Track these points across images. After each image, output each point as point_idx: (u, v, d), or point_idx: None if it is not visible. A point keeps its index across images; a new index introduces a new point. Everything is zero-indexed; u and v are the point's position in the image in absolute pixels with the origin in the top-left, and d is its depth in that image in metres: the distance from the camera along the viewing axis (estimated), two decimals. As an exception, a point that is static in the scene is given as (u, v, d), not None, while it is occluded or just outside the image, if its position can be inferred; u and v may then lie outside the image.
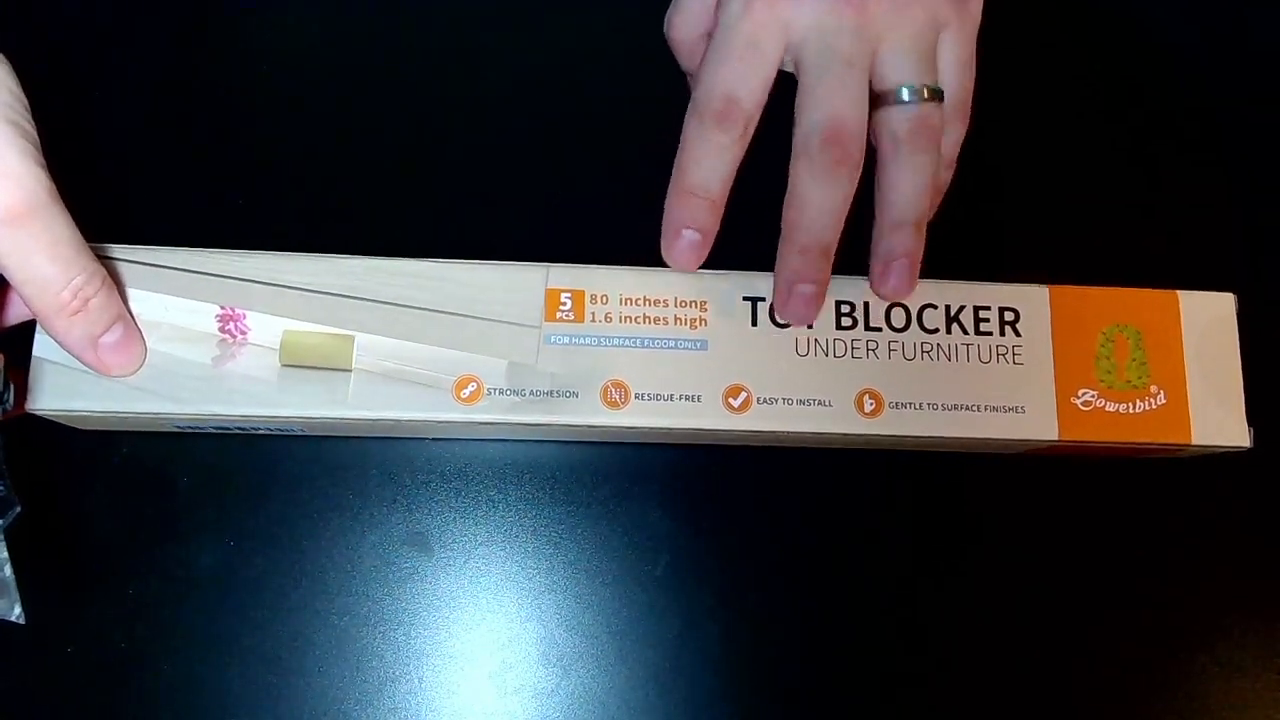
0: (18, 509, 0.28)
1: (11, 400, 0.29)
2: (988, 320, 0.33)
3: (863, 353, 0.33)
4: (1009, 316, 0.34)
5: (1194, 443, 0.33)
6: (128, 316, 0.30)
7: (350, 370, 0.31)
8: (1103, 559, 0.36)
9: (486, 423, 0.31)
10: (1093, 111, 0.41)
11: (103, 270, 0.29)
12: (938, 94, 0.33)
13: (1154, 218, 0.40)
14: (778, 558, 0.36)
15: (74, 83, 0.39)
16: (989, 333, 0.33)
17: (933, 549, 0.36)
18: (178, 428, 0.33)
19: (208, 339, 0.31)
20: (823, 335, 0.33)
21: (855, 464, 0.36)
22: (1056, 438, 0.33)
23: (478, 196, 0.38)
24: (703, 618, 0.35)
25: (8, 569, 0.27)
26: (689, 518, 0.36)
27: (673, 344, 0.32)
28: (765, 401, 0.32)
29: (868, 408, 0.32)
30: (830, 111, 0.31)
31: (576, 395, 0.32)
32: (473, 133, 0.39)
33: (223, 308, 0.31)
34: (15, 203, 0.26)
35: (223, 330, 0.31)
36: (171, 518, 0.35)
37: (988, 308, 0.34)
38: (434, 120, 0.39)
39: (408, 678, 0.34)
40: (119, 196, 0.37)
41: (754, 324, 0.33)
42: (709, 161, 0.32)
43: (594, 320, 0.32)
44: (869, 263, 0.33)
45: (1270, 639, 0.36)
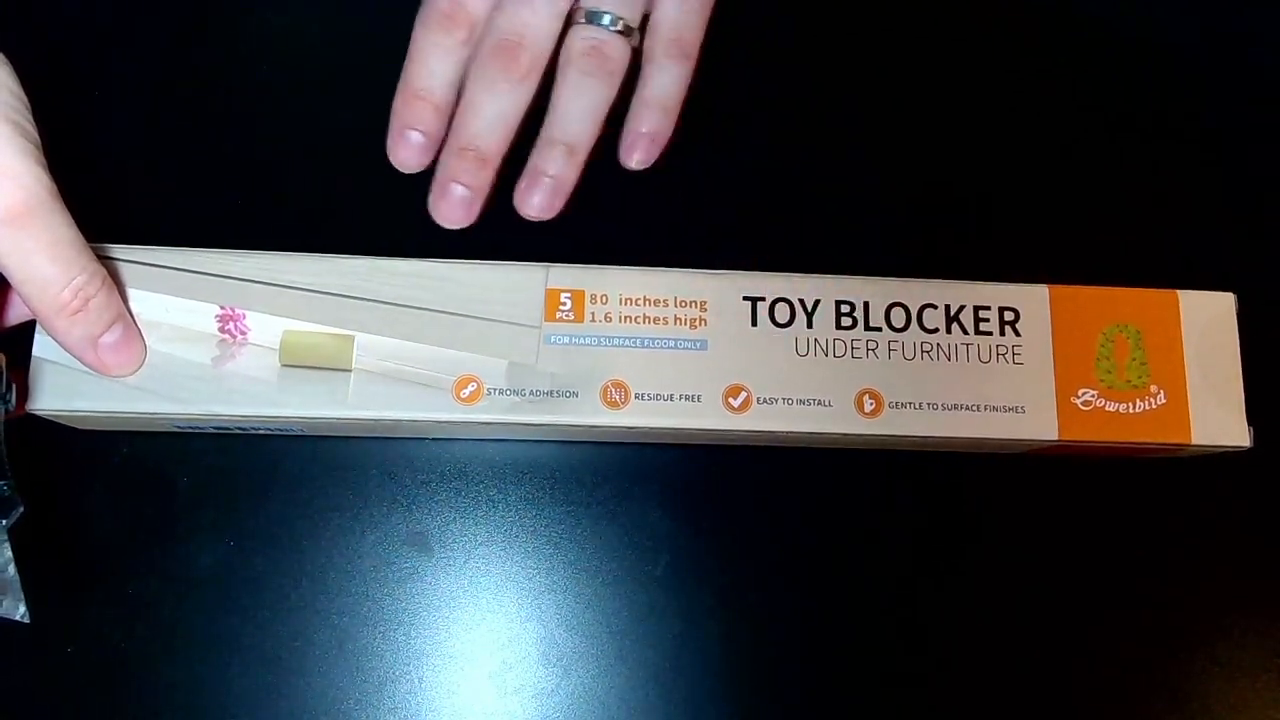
0: (21, 509, 0.28)
1: (13, 400, 0.29)
2: (988, 320, 0.33)
3: (863, 352, 0.33)
4: (1009, 316, 0.34)
5: (1194, 442, 0.33)
6: (128, 316, 0.30)
7: (350, 370, 0.31)
8: (1103, 559, 0.36)
9: (486, 423, 0.31)
10: (1092, 111, 0.41)
11: (103, 270, 0.29)
12: (629, 32, 0.33)
13: (1154, 218, 0.40)
14: (778, 558, 0.36)
15: (74, 83, 0.39)
16: (989, 333, 0.33)
17: (933, 549, 0.36)
18: (178, 428, 0.33)
19: (207, 339, 0.31)
20: (823, 335, 0.33)
21: (855, 464, 0.36)
22: (1056, 438, 0.33)
23: (478, 196, 0.38)
24: (703, 618, 0.35)
25: (11, 568, 0.27)
26: (689, 518, 0.36)
27: (673, 344, 0.32)
28: (765, 401, 0.32)
29: (868, 408, 0.32)
30: (509, 20, 0.32)
31: (576, 395, 0.32)
32: (473, 133, 0.39)
33: (222, 308, 0.31)
34: (15, 203, 0.26)
35: (222, 330, 0.31)
36: (171, 518, 0.35)
37: (988, 308, 0.34)
38: (434, 120, 0.39)
39: (408, 678, 0.34)
40: (119, 196, 0.37)
41: (754, 324, 0.33)
42: (434, 64, 0.33)
43: (594, 320, 0.32)
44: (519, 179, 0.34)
45: (1270, 639, 0.36)
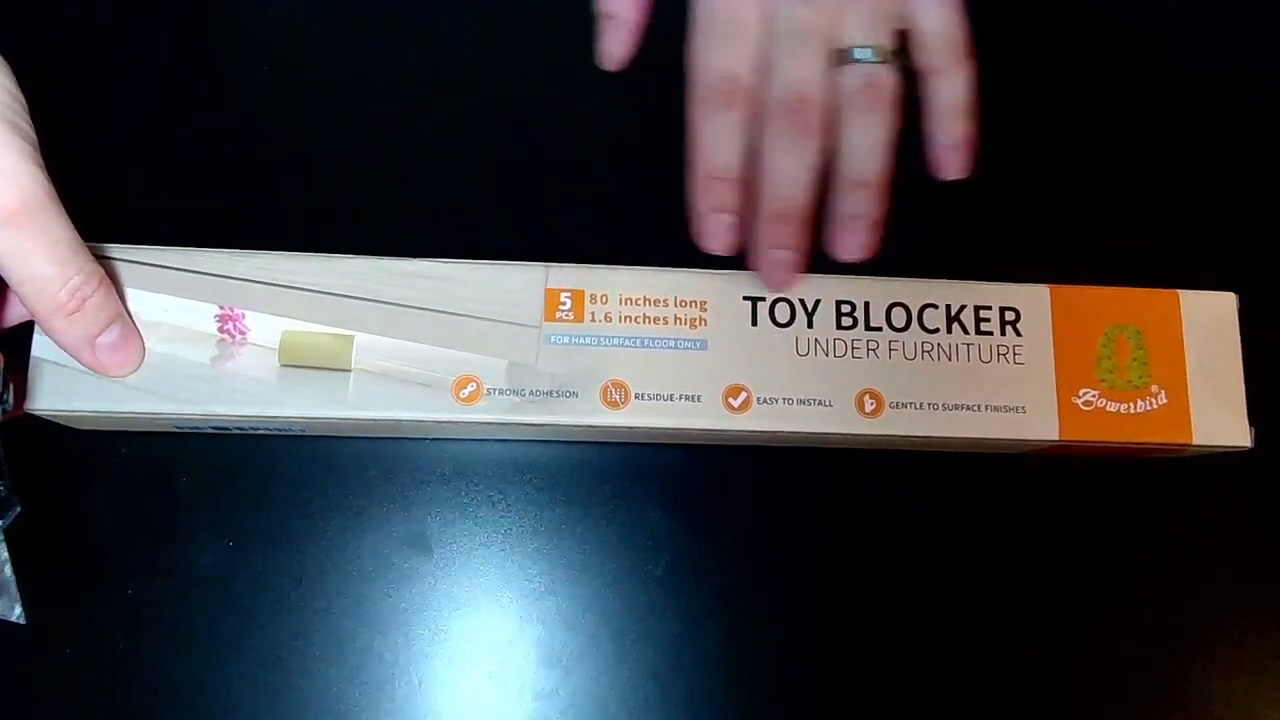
0: (18, 509, 0.28)
1: (11, 401, 0.29)
2: (988, 320, 0.33)
3: (863, 353, 0.33)
4: (1010, 316, 0.33)
5: (1195, 442, 0.33)
6: (126, 316, 0.30)
7: (350, 370, 0.31)
8: (1103, 559, 0.36)
9: (486, 423, 0.31)
10: (1093, 111, 0.41)
11: (100, 270, 0.29)
12: (896, 55, 0.33)
13: (1154, 218, 0.39)
14: (778, 558, 0.36)
15: (74, 83, 0.38)
16: (990, 333, 0.33)
17: (933, 549, 0.36)
18: (177, 428, 0.33)
19: (207, 339, 0.31)
20: (823, 335, 0.33)
21: (855, 464, 0.36)
22: (1057, 438, 0.32)
23: (478, 196, 0.38)
24: (703, 618, 0.35)
25: (8, 569, 0.27)
26: (689, 518, 0.36)
27: (673, 344, 0.32)
28: (765, 401, 0.32)
29: (868, 408, 0.32)
30: (788, 80, 0.32)
31: (576, 395, 0.32)
32: (473, 132, 0.39)
33: (222, 307, 0.31)
34: (12, 203, 0.26)
35: (222, 330, 0.31)
36: (171, 518, 0.35)
37: (988, 308, 0.34)
38: (434, 120, 0.39)
39: (408, 678, 0.34)
40: (119, 196, 0.37)
41: (754, 324, 0.33)
42: (725, 144, 0.33)
43: (594, 320, 0.32)
44: (827, 225, 0.33)
45: (1270, 639, 0.36)
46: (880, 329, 0.33)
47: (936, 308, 0.33)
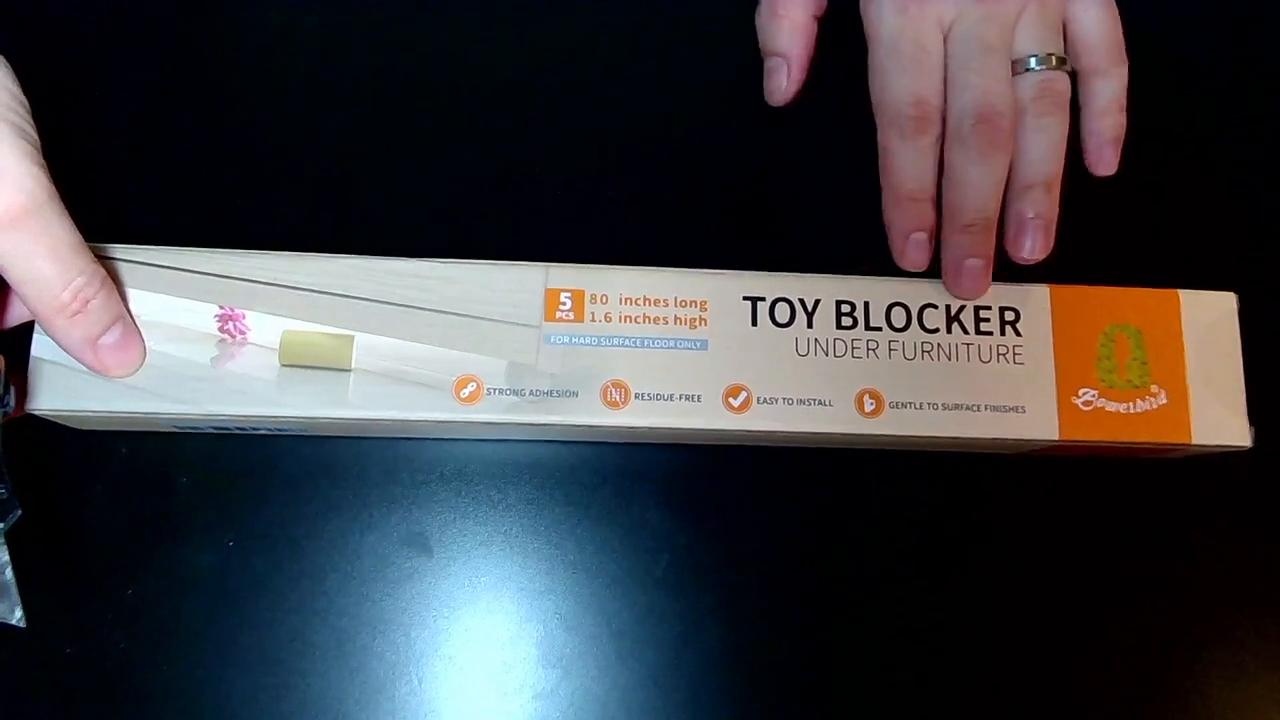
0: (18, 512, 0.28)
1: (12, 403, 0.29)
2: (988, 320, 0.33)
3: (863, 352, 0.33)
4: (1009, 316, 0.34)
5: (1194, 442, 0.33)
6: (127, 317, 0.30)
7: (350, 370, 0.31)
8: (1103, 559, 0.36)
9: (486, 423, 0.31)
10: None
11: (102, 271, 0.29)
12: (1062, 61, 0.34)
13: (1154, 217, 0.39)
14: (778, 558, 0.36)
15: (74, 83, 0.39)
16: (989, 332, 0.33)
17: (933, 549, 0.36)
18: (177, 428, 0.33)
19: (207, 339, 0.31)
20: (823, 335, 0.33)
21: (855, 464, 0.36)
22: (1057, 437, 0.32)
23: (478, 196, 0.38)
24: (703, 618, 0.35)
25: (8, 572, 0.27)
26: (689, 518, 0.36)
27: (673, 344, 0.32)
28: (765, 401, 0.32)
29: (868, 408, 0.32)
30: (978, 95, 0.33)
31: (576, 395, 0.32)
32: (473, 132, 0.39)
33: (222, 307, 0.31)
34: (14, 204, 0.26)
35: (222, 330, 0.31)
36: (171, 518, 0.35)
37: (988, 307, 0.34)
38: (434, 120, 0.39)
39: (408, 678, 0.34)
40: (119, 196, 0.37)
41: (754, 324, 0.33)
42: (919, 165, 0.34)
43: (594, 320, 0.32)
44: (1004, 229, 0.34)
45: (1270, 639, 0.36)
46: (880, 329, 0.33)
47: (936, 308, 0.33)
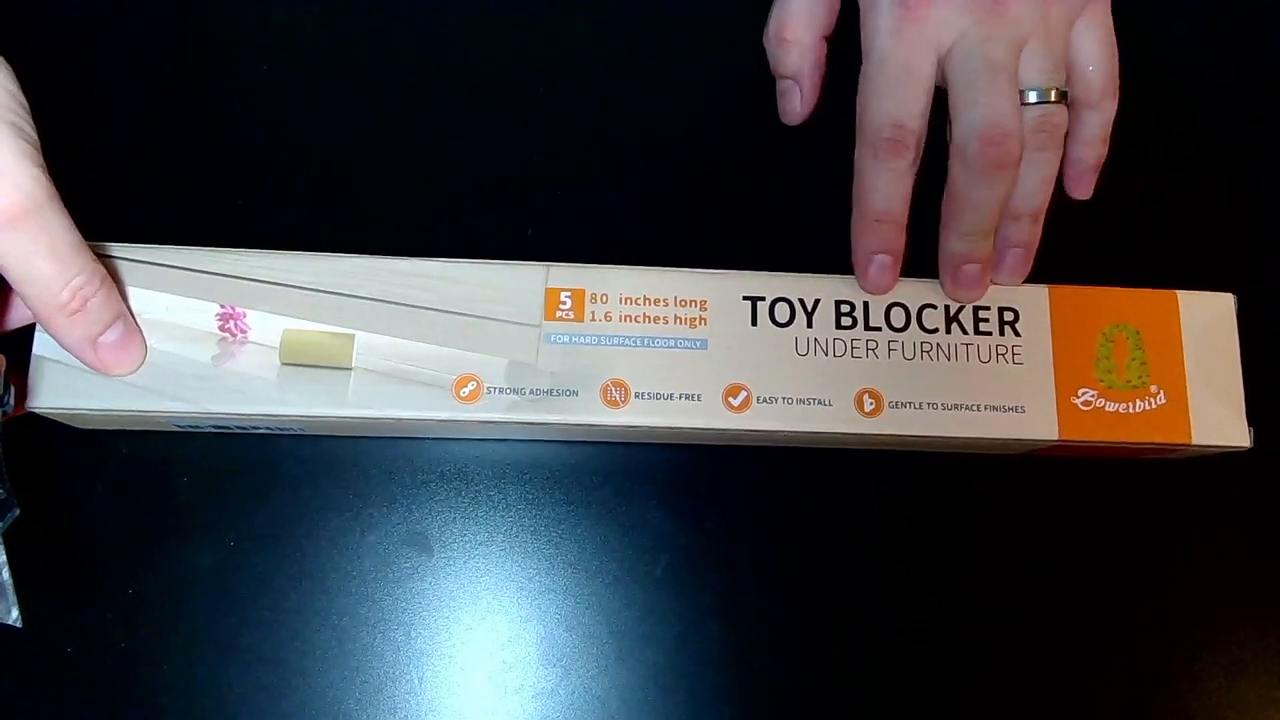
0: (16, 512, 0.27)
1: (12, 403, 0.29)
2: (987, 320, 0.33)
3: (862, 352, 0.33)
4: (1008, 316, 0.34)
5: (1194, 443, 0.33)
6: (127, 315, 0.30)
7: (350, 369, 0.31)
8: (1103, 559, 0.36)
9: (486, 421, 0.31)
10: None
11: (102, 270, 0.29)
12: (1064, 95, 0.34)
13: (1154, 218, 0.40)
14: (778, 558, 0.36)
15: (74, 83, 0.39)
16: (989, 332, 0.33)
17: (933, 549, 0.36)
18: (178, 426, 0.33)
19: (208, 338, 0.31)
20: (822, 335, 0.33)
21: (855, 464, 0.36)
22: (1056, 438, 0.33)
23: (478, 196, 0.38)
24: (703, 618, 0.35)
25: (6, 572, 0.27)
26: (689, 518, 0.36)
27: (672, 343, 0.32)
28: (765, 401, 0.32)
29: (868, 407, 0.32)
30: (985, 115, 0.32)
31: (576, 394, 0.32)
32: (473, 132, 0.39)
33: (223, 306, 0.31)
34: (13, 204, 0.26)
35: (223, 329, 0.31)
36: (171, 518, 0.35)
37: (987, 307, 0.34)
38: (435, 120, 0.39)
39: (408, 678, 0.34)
40: (119, 196, 0.37)
41: (754, 323, 0.33)
42: (889, 188, 0.33)
43: (594, 319, 0.32)
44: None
45: (1270, 639, 0.36)
46: (879, 329, 0.33)
47: (935, 308, 0.33)
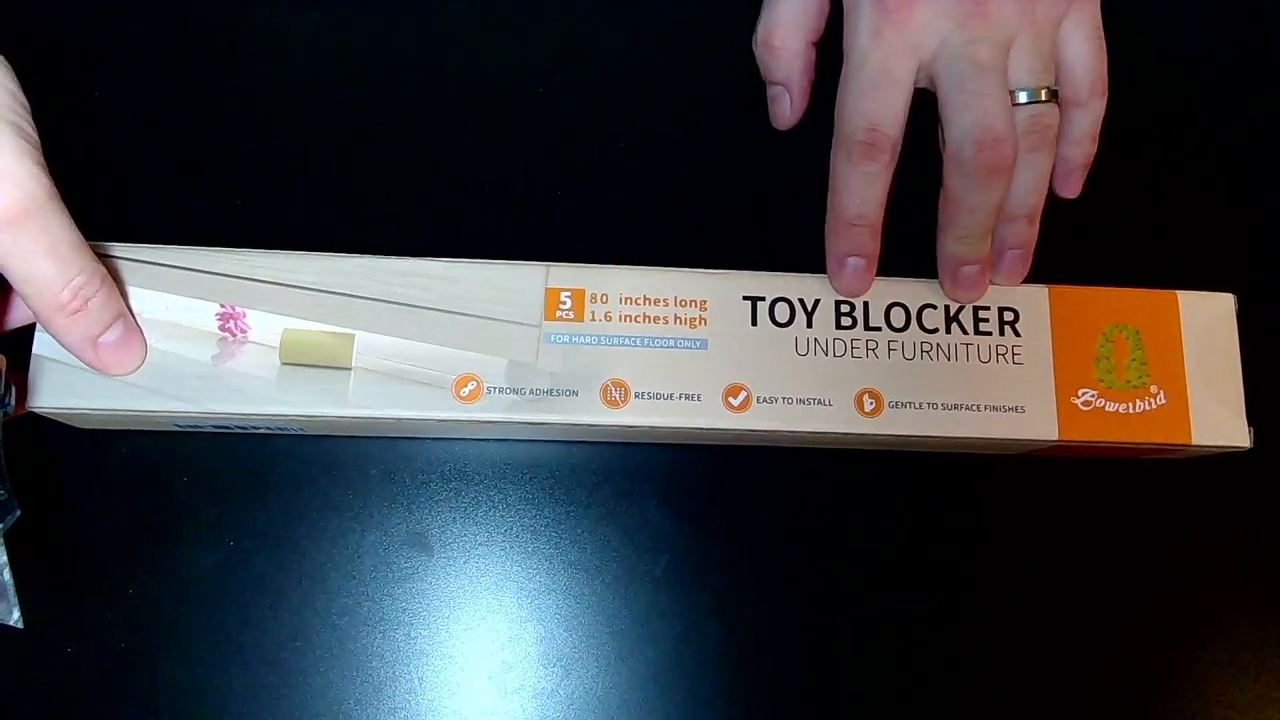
0: (17, 513, 0.27)
1: (12, 403, 0.29)
2: (987, 320, 0.34)
3: (862, 352, 0.33)
4: (1008, 316, 0.34)
5: (1194, 443, 0.33)
6: (128, 315, 0.30)
7: (350, 369, 0.31)
8: (1103, 559, 0.36)
9: (486, 421, 0.31)
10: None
11: (102, 269, 0.29)
12: (1054, 94, 0.34)
13: (1154, 218, 0.40)
14: (778, 558, 0.36)
15: (74, 83, 0.39)
16: (988, 333, 0.33)
17: (933, 549, 0.36)
18: (178, 426, 0.33)
19: (208, 337, 0.31)
20: (823, 335, 0.33)
21: (855, 464, 0.36)
22: (1056, 438, 0.33)
23: (478, 196, 0.38)
24: (703, 618, 0.35)
25: (7, 573, 0.27)
26: (689, 518, 0.36)
27: (672, 343, 0.32)
28: (765, 401, 0.32)
29: (868, 407, 0.32)
30: (978, 119, 0.32)
31: (576, 394, 0.32)
32: (473, 132, 0.39)
33: (223, 306, 0.31)
34: (13, 204, 0.26)
35: (223, 329, 0.31)
36: (171, 518, 0.35)
37: (987, 308, 0.34)
38: (434, 120, 0.39)
39: (408, 678, 0.34)
40: (119, 196, 0.37)
41: (754, 323, 0.33)
42: (863, 191, 0.33)
43: (594, 319, 0.32)
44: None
45: (1270, 639, 0.36)
46: (879, 329, 0.33)
47: (935, 308, 0.33)
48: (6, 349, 0.29)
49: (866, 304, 0.33)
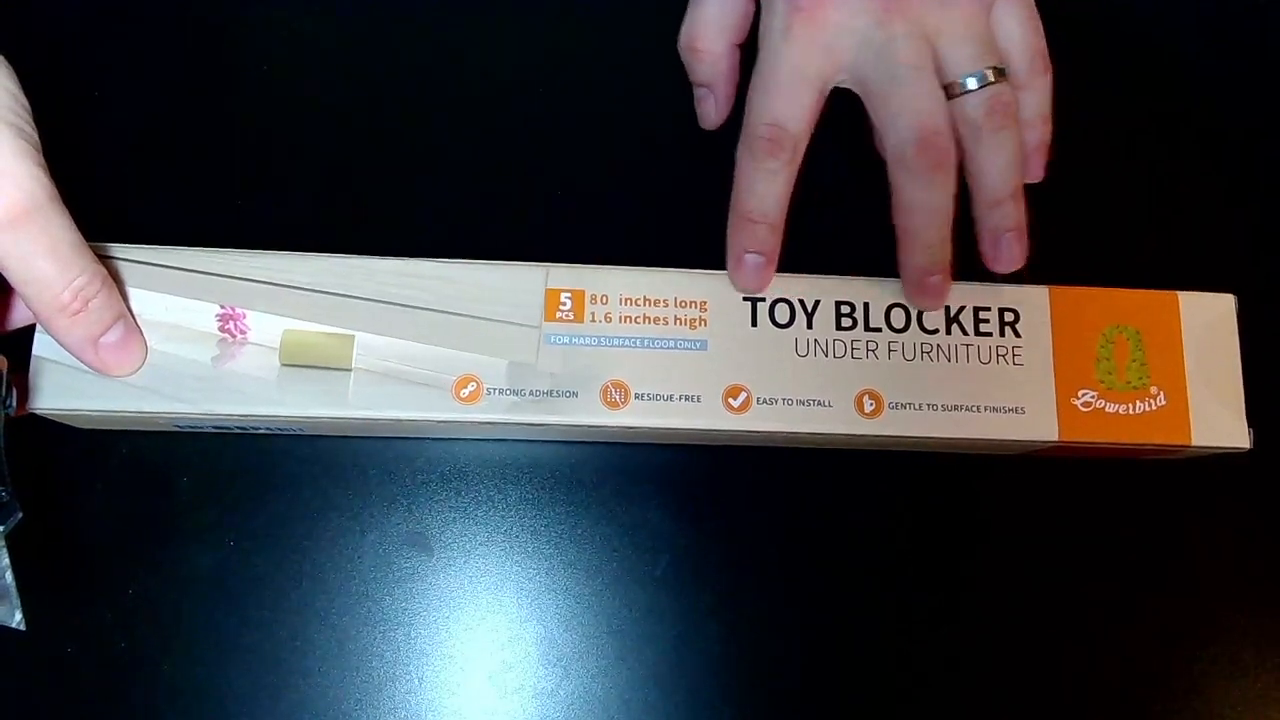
0: (19, 515, 0.27)
1: (13, 405, 0.29)
2: (987, 321, 0.33)
3: (862, 353, 0.33)
4: (1009, 317, 0.34)
5: (1194, 443, 0.33)
6: (128, 316, 0.30)
7: (350, 370, 0.31)
8: (1103, 559, 0.36)
9: (486, 422, 0.31)
10: (1092, 111, 0.41)
11: (103, 270, 0.29)
12: (1002, 72, 0.33)
13: (1154, 218, 0.40)
14: (778, 558, 0.36)
15: (74, 83, 0.39)
16: (989, 333, 0.33)
17: (933, 549, 0.36)
18: (178, 427, 0.33)
19: (208, 338, 0.31)
20: (823, 335, 0.33)
21: (855, 464, 0.36)
22: (1057, 438, 0.33)
23: (478, 196, 0.38)
24: (703, 618, 0.35)
25: (9, 575, 0.27)
26: (689, 518, 0.36)
27: (673, 344, 0.32)
28: (765, 401, 0.32)
29: (868, 408, 0.32)
30: (914, 119, 0.32)
31: (576, 395, 0.32)
32: (473, 132, 0.39)
33: (223, 307, 0.31)
34: (14, 204, 0.26)
35: (223, 329, 0.31)
36: (171, 518, 0.35)
37: (987, 308, 0.34)
38: (434, 120, 0.39)
39: (408, 678, 0.34)
40: (119, 196, 0.37)
41: (754, 324, 0.33)
42: (763, 188, 0.33)
43: (594, 320, 0.32)
44: (978, 247, 0.34)
45: (1270, 639, 0.36)
46: (880, 329, 0.33)
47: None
48: (7, 350, 0.29)
49: (867, 305, 0.33)
